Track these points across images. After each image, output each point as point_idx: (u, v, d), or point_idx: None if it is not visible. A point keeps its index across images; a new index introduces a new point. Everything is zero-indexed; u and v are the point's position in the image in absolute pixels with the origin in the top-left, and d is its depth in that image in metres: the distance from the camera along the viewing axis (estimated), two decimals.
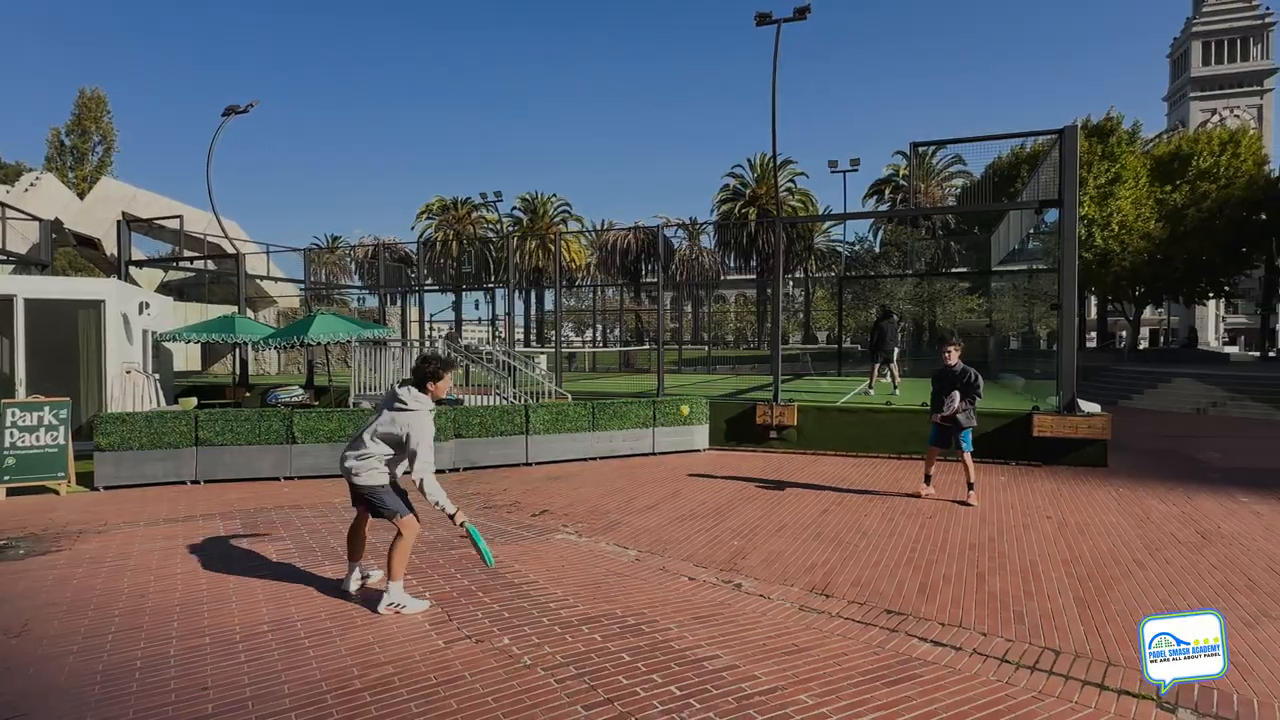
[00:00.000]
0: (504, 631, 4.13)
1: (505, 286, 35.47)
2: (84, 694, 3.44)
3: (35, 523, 6.95)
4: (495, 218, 43.42)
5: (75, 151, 44.01)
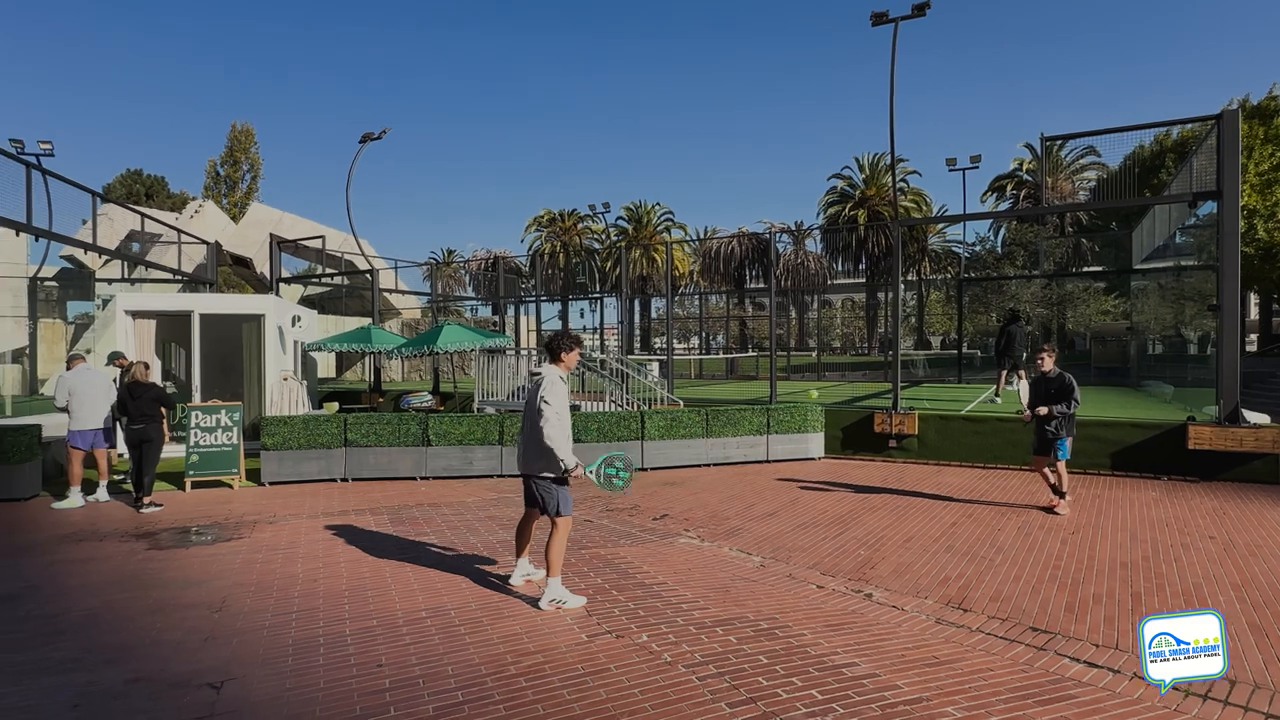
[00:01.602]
0: (641, 629, 4.29)
1: (610, 295, 36.26)
2: (280, 664, 3.89)
3: (217, 513, 7.83)
4: (601, 228, 44.47)
5: (228, 180, 48.88)
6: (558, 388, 4.71)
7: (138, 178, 48.00)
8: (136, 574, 5.65)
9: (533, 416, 4.77)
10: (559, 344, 4.94)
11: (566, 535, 4.73)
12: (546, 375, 4.76)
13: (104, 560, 6.06)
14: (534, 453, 4.75)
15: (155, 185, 47.93)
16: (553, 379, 4.74)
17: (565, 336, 5.02)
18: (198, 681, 3.66)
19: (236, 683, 3.65)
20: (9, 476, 8.52)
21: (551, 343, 4.99)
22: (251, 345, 12.85)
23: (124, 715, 3.33)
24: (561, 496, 4.72)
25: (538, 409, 4.69)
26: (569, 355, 4.93)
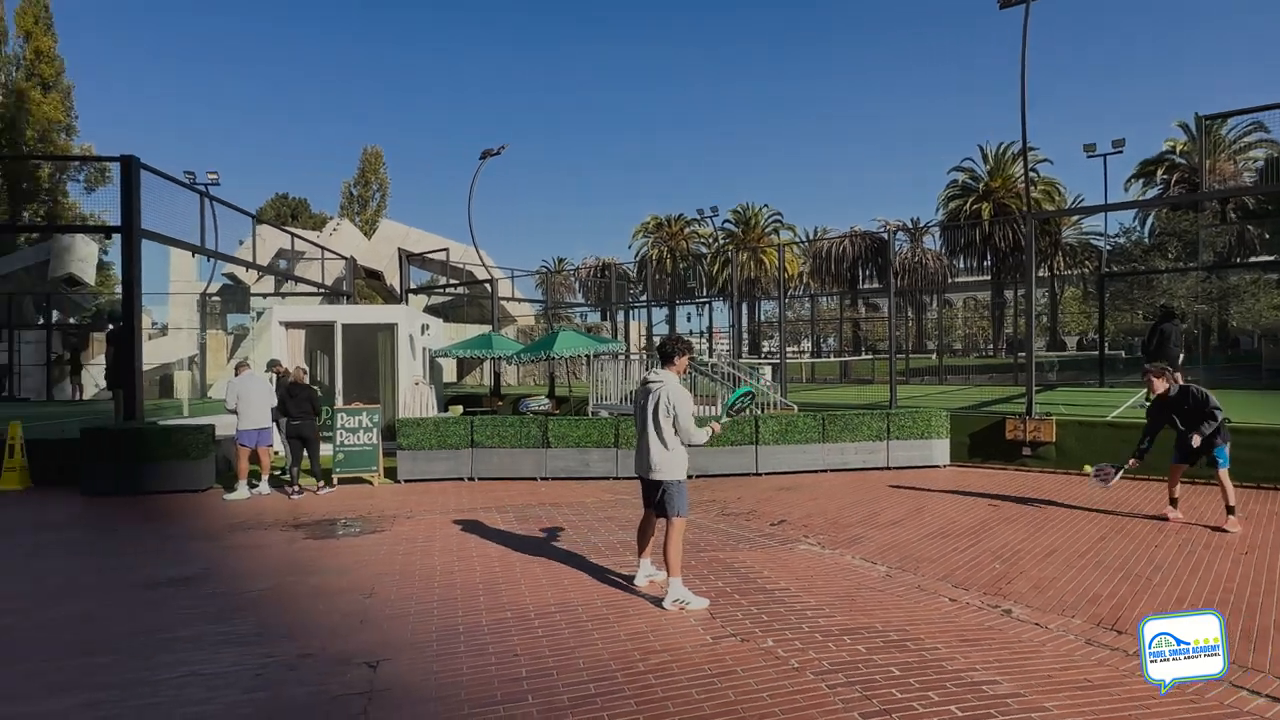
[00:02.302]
0: (766, 633, 4.28)
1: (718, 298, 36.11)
2: (426, 648, 4.18)
3: (361, 507, 8.48)
4: (708, 232, 44.40)
5: (360, 200, 52.70)
6: (682, 394, 4.83)
7: (284, 200, 52.79)
8: (297, 560, 6.23)
9: (647, 421, 4.87)
10: (671, 348, 5.06)
11: (682, 535, 4.83)
12: (665, 381, 4.86)
13: (269, 547, 6.72)
14: (649, 457, 4.87)
15: (299, 207, 52.52)
16: (671, 384, 4.85)
17: (677, 341, 5.14)
18: (357, 660, 4.00)
19: (390, 663, 3.96)
20: (189, 470, 9.61)
21: (664, 347, 5.12)
22: (386, 352, 13.84)
23: (298, 686, 3.69)
24: (678, 497, 4.82)
25: (655, 416, 4.80)
26: (681, 359, 5.04)
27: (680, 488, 4.85)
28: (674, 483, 4.83)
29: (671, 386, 4.84)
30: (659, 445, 4.82)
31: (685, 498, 4.89)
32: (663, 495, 4.85)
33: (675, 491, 4.83)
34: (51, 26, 35.46)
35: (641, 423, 4.96)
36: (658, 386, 4.87)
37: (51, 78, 35.19)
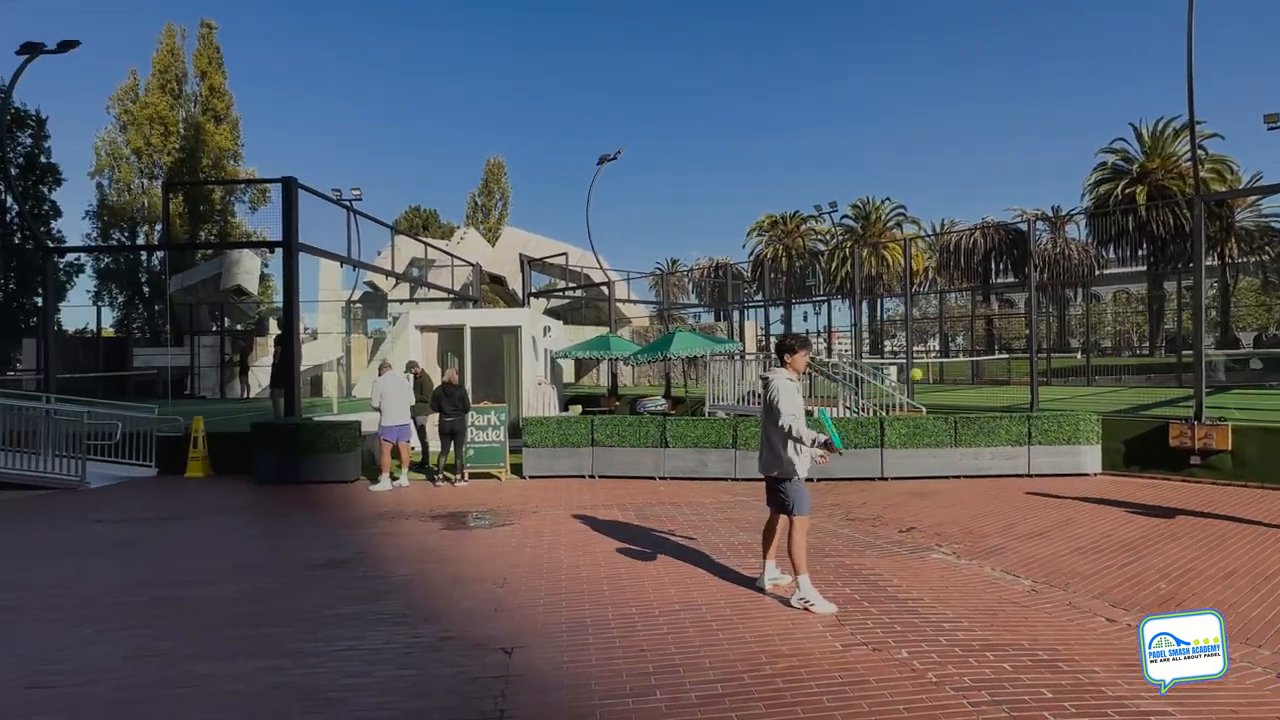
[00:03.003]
0: (899, 644, 4.10)
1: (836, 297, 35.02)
2: (556, 639, 4.33)
3: (490, 501, 8.92)
4: (826, 228, 43.15)
5: (483, 209, 55.39)
6: (791, 389, 4.79)
7: (417, 212, 56.38)
8: (435, 549, 6.64)
9: (765, 419, 4.88)
10: (787, 345, 5.02)
11: (805, 534, 4.76)
12: (774, 379, 4.85)
13: (410, 535, 7.21)
14: (770, 455, 4.87)
15: (430, 218, 55.93)
16: (780, 382, 4.81)
17: (793, 338, 5.10)
18: (493, 646, 4.21)
19: (523, 651, 4.13)
20: (339, 463, 10.48)
21: (780, 345, 5.10)
22: (510, 353, 14.46)
23: (441, 666, 3.94)
24: (797, 495, 4.77)
25: (772, 412, 4.79)
26: (797, 356, 4.97)
27: (798, 486, 4.80)
28: (791, 480, 4.79)
29: (780, 381, 4.81)
30: (775, 442, 4.80)
31: (805, 496, 4.82)
32: (782, 493, 4.83)
33: (793, 489, 4.79)
34: (222, 65, 39.82)
35: (762, 420, 4.97)
36: (771, 384, 4.87)
37: (222, 111, 39.51)
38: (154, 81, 37.90)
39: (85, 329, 34.57)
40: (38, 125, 32.37)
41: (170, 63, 38.38)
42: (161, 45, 38.47)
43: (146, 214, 37.71)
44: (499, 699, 3.52)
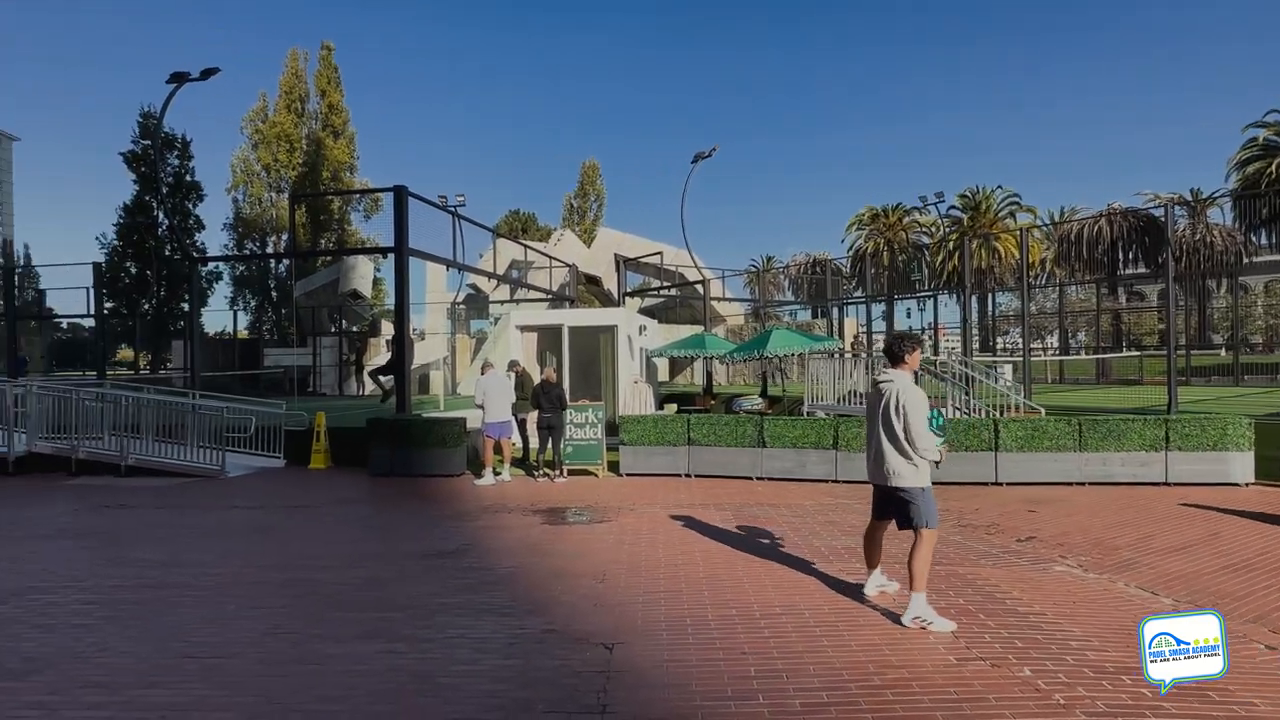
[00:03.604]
0: (1021, 661, 3.84)
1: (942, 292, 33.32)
2: (656, 637, 4.33)
3: (588, 498, 9.06)
4: (930, 220, 41.21)
5: (579, 211, 56.48)
6: (914, 393, 4.49)
7: (516, 216, 58.26)
8: (537, 543, 6.82)
9: (878, 423, 4.59)
10: (900, 346, 4.73)
11: (932, 549, 4.45)
12: (897, 383, 4.54)
13: (513, 529, 7.43)
14: (885, 461, 4.56)
15: (529, 221, 57.65)
16: (902, 383, 4.53)
17: (906, 338, 4.81)
18: (594, 640, 4.26)
19: (624, 647, 4.16)
20: (446, 458, 10.95)
21: (892, 346, 4.79)
22: (607, 352, 14.64)
23: (545, 658, 4.02)
24: (926, 506, 4.46)
25: (888, 418, 4.51)
26: (911, 356, 4.69)
27: (925, 496, 4.48)
28: (917, 490, 4.47)
29: (903, 385, 4.52)
30: (895, 450, 4.49)
31: (933, 507, 4.50)
32: (906, 505, 4.51)
33: (920, 500, 4.47)
34: (340, 83, 42.57)
35: (872, 425, 4.69)
36: (889, 387, 4.56)
37: (340, 126, 42.24)
38: (280, 102, 41.03)
39: (223, 331, 37.95)
40: (183, 147, 35.70)
41: (294, 84, 41.41)
42: (287, 68, 41.58)
43: (275, 225, 40.88)
44: (601, 694, 3.56)
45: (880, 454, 4.59)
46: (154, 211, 34.93)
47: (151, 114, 33.58)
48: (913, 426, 4.42)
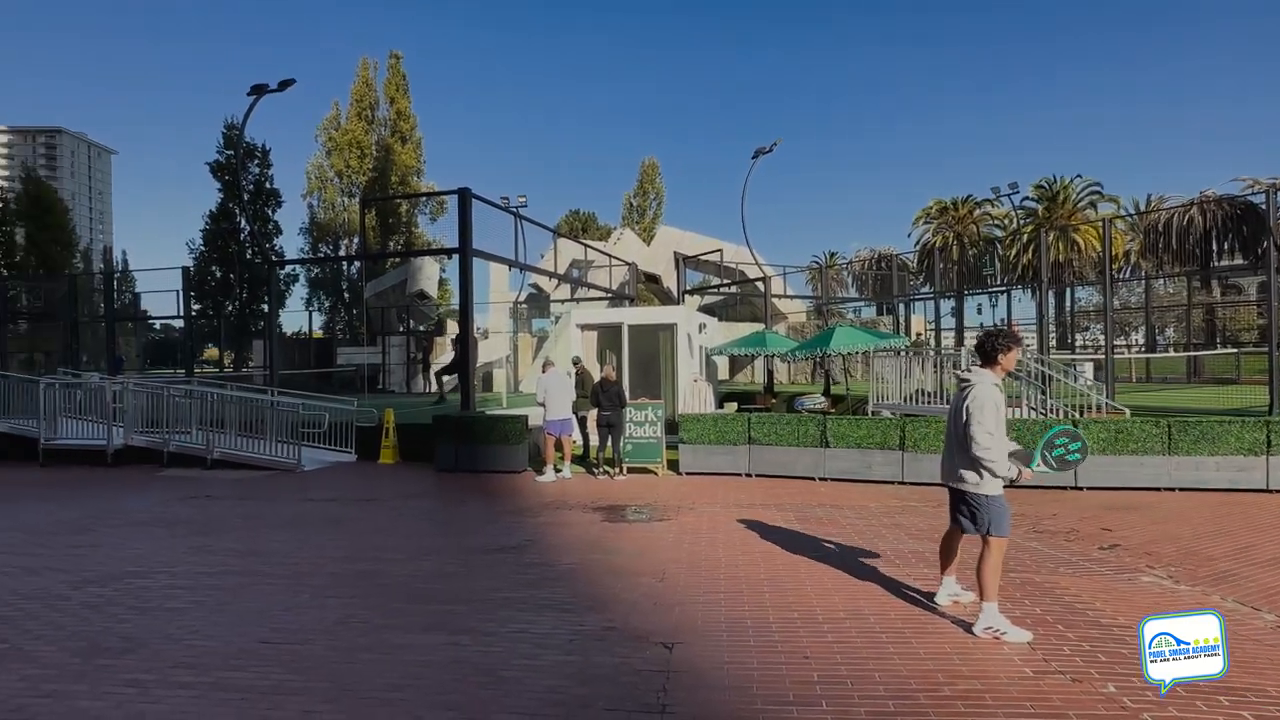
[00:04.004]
0: (1104, 677, 3.63)
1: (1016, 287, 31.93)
2: (716, 637, 4.29)
3: (648, 496, 9.07)
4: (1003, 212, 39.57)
5: (638, 209, 56.63)
6: (988, 399, 4.22)
7: (576, 215, 58.86)
8: (597, 540, 6.85)
9: (954, 424, 4.40)
10: (994, 343, 4.37)
11: (1001, 557, 4.25)
12: (977, 386, 4.29)
13: (573, 526, 7.50)
14: (958, 464, 4.37)
15: (589, 220, 58.16)
16: (982, 387, 4.27)
17: (1003, 335, 4.45)
18: (654, 639, 4.25)
19: (683, 647, 4.14)
20: (509, 454, 11.15)
21: (984, 343, 4.45)
22: (666, 350, 14.63)
23: (605, 655, 4.04)
24: (995, 513, 4.24)
25: (960, 419, 4.31)
26: (1007, 356, 4.36)
27: (995, 503, 4.25)
28: (986, 496, 4.26)
29: (979, 388, 4.26)
30: (962, 452, 4.30)
31: (1005, 515, 4.26)
32: (974, 510, 4.31)
33: (989, 506, 4.25)
34: (408, 90, 43.91)
35: (949, 425, 4.49)
36: (968, 386, 4.34)
37: (407, 132, 43.57)
38: (352, 110, 42.61)
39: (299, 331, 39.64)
40: (263, 156, 37.54)
41: (365, 92, 42.93)
42: (358, 77, 43.14)
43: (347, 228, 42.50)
44: (661, 693, 3.55)
45: (951, 454, 4.43)
46: (236, 217, 36.86)
47: (234, 125, 35.42)
48: (974, 432, 4.17)
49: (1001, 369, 4.37)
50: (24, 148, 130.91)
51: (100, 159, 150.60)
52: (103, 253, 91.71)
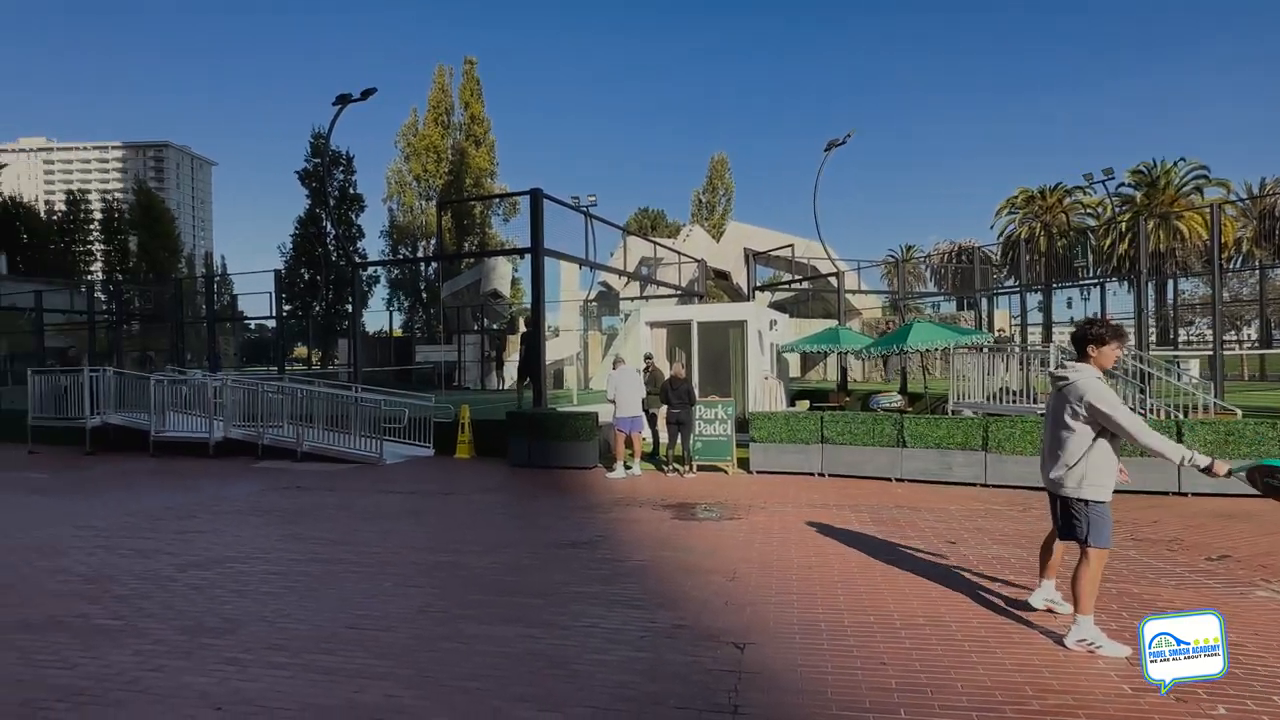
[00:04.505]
0: (1214, 698, 3.37)
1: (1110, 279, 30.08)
2: (789, 639, 4.22)
3: (718, 494, 9.01)
4: (1096, 200, 37.36)
5: (708, 205, 56.32)
6: (1105, 391, 3.94)
7: (645, 213, 59.09)
8: (668, 538, 6.86)
9: (1052, 424, 4.14)
10: (1093, 335, 4.07)
11: (1099, 569, 3.98)
12: (1081, 378, 4.02)
13: (643, 523, 7.53)
14: (1056, 466, 4.10)
15: (658, 218, 58.30)
16: (1087, 380, 3.99)
17: (1101, 325, 4.14)
18: (724, 639, 4.22)
19: (755, 648, 4.09)
20: (579, 450, 11.30)
21: (1082, 335, 4.15)
22: (736, 348, 14.49)
23: (676, 654, 4.04)
24: (1095, 521, 3.97)
25: (1063, 418, 4.04)
26: (1106, 349, 4.06)
27: (1097, 511, 3.96)
28: (1087, 503, 3.98)
29: (1086, 381, 3.98)
30: (1068, 454, 4.02)
31: (1106, 524, 3.98)
32: (1072, 516, 4.05)
33: (1089, 514, 3.97)
34: (481, 95, 45.12)
35: (1047, 425, 4.23)
36: (1066, 384, 4.07)
37: (481, 135, 44.78)
38: (429, 116, 44.11)
39: (380, 330, 41.37)
40: (347, 163, 39.35)
41: (441, 98, 44.37)
42: (434, 84, 44.62)
43: (424, 230, 44.04)
44: (732, 694, 3.52)
45: (1052, 457, 4.15)
46: (323, 222, 38.73)
47: (321, 135, 37.21)
48: (1126, 427, 3.83)
49: (1101, 361, 4.09)
50: (135, 161, 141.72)
51: (202, 170, 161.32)
52: (204, 258, 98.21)
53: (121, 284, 35.30)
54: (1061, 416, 4.05)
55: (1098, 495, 3.99)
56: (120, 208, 56.59)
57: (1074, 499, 4.02)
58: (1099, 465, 3.99)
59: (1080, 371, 4.05)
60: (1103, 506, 4.00)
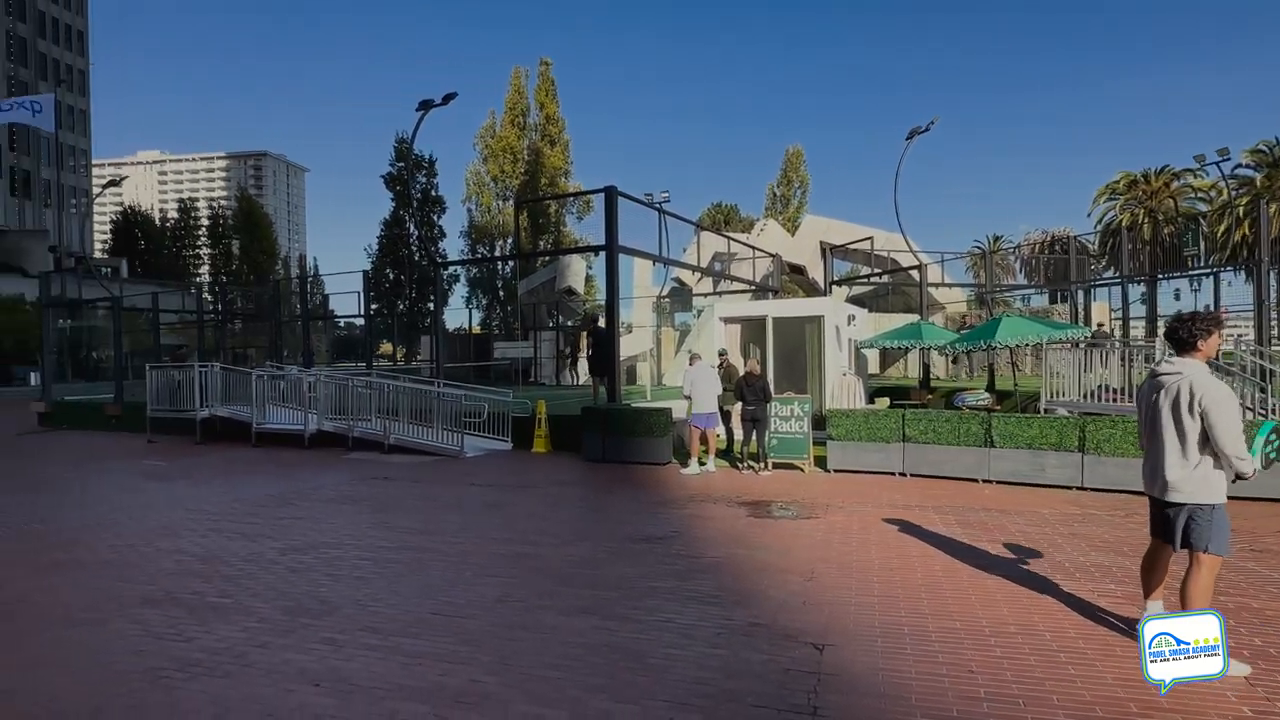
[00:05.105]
0: None
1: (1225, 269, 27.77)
2: (869, 642, 4.12)
3: (794, 493, 8.87)
4: (1209, 184, 34.60)
5: (782, 199, 55.34)
6: (1212, 386, 3.68)
7: (719, 208, 58.58)
8: (741, 535, 6.81)
9: (1158, 423, 3.84)
10: (1192, 328, 3.83)
11: (1213, 579, 3.71)
12: (1186, 372, 3.77)
13: (718, 519, 7.49)
14: (1164, 469, 3.81)
15: (731, 213, 57.72)
16: (1198, 375, 3.73)
17: (1197, 318, 3.89)
18: (802, 639, 4.16)
19: (834, 650, 4.01)
20: (654, 446, 11.34)
21: (1178, 329, 3.90)
22: (813, 343, 14.21)
23: (752, 652, 4.00)
24: (1210, 527, 3.69)
25: (1173, 417, 3.76)
26: (1208, 341, 3.81)
27: (1214, 515, 3.68)
28: (1202, 506, 3.70)
29: (1199, 378, 3.70)
30: (1178, 456, 3.74)
31: (1224, 529, 3.71)
32: (1186, 522, 3.75)
33: (1206, 519, 3.69)
34: (556, 94, 45.83)
35: (1152, 425, 3.91)
36: (1174, 379, 3.78)
37: (556, 135, 45.50)
38: (506, 118, 45.17)
39: (460, 327, 42.76)
40: (429, 166, 40.81)
41: (517, 100, 45.35)
42: (511, 86, 45.63)
43: (501, 230, 45.16)
44: (811, 695, 3.46)
45: (1159, 460, 3.85)
46: (406, 224, 40.30)
47: (404, 139, 38.69)
48: (1219, 429, 3.60)
49: (1203, 354, 3.82)
50: (237, 170, 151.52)
51: (296, 176, 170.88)
52: (298, 260, 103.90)
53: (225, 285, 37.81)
54: (1178, 415, 3.74)
55: (1218, 498, 3.73)
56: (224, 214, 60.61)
57: (1190, 504, 3.74)
58: (1212, 465, 3.73)
59: (1191, 367, 3.79)
60: (1223, 510, 3.74)
